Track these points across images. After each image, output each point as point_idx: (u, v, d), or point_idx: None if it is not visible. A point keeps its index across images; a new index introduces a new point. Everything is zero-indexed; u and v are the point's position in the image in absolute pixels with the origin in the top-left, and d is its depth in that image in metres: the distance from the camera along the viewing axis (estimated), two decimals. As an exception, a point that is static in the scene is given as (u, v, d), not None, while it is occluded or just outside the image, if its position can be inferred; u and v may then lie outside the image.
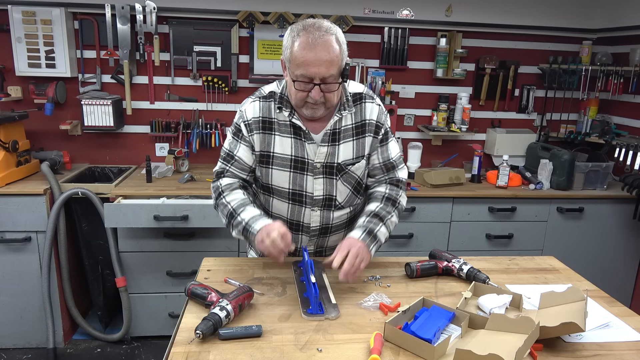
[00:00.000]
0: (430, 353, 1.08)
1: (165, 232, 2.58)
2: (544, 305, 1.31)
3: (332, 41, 1.32)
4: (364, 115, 1.49)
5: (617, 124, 3.26)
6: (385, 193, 1.55)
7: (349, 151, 1.49)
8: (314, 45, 1.29)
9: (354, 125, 1.49)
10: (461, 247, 2.90)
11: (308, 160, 1.47)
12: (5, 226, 2.50)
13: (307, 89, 1.34)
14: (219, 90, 3.10)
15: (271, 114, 1.46)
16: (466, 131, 3.26)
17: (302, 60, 1.30)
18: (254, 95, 1.51)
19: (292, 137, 1.46)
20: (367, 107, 1.50)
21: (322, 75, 1.32)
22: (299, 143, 1.46)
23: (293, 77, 1.34)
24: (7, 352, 2.68)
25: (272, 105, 1.46)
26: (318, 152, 1.46)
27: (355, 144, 1.49)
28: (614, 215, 2.98)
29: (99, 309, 2.84)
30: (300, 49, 1.30)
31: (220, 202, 1.49)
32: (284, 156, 1.47)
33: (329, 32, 1.33)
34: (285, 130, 1.46)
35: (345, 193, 1.55)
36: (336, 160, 1.48)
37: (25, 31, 2.76)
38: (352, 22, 3.01)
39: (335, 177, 1.50)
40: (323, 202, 1.53)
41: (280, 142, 1.46)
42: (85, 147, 3.11)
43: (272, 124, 1.46)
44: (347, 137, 1.48)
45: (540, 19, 3.21)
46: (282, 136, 1.46)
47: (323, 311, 1.28)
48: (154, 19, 2.83)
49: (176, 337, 1.15)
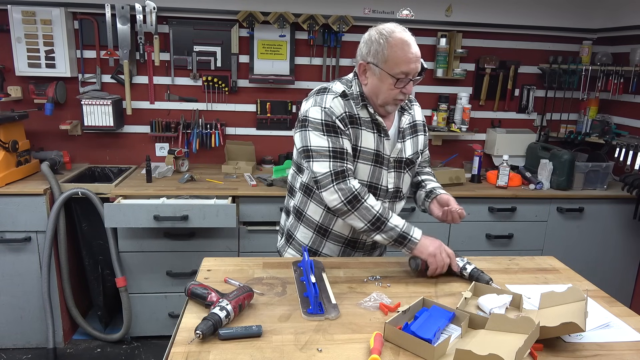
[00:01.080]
0: (430, 353, 1.08)
1: (165, 232, 2.58)
2: (544, 305, 1.31)
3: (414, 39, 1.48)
4: (415, 117, 1.69)
5: (617, 124, 3.26)
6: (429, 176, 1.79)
7: (409, 147, 1.64)
8: (410, 44, 1.44)
9: (410, 124, 1.65)
10: (461, 247, 2.90)
11: (384, 154, 1.57)
12: (5, 226, 2.50)
13: (402, 85, 1.47)
14: (219, 90, 3.10)
15: (353, 110, 1.53)
16: (466, 131, 3.27)
17: (404, 57, 1.42)
18: (328, 93, 1.52)
19: (374, 132, 1.55)
20: (416, 109, 1.71)
21: (417, 71, 1.47)
22: (379, 138, 1.56)
23: (393, 75, 1.44)
24: (7, 352, 2.68)
25: (351, 102, 1.53)
26: (394, 148, 1.59)
27: (413, 141, 1.66)
28: (614, 215, 2.98)
29: (99, 309, 2.84)
30: (401, 48, 1.42)
31: (362, 205, 1.46)
32: (368, 150, 1.54)
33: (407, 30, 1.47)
34: (368, 126, 1.54)
35: (408, 184, 1.69)
36: (404, 155, 1.62)
37: (25, 31, 2.76)
38: (352, 22, 3.01)
39: (402, 171, 1.63)
40: (393, 193, 1.63)
41: (366, 137, 1.53)
42: (85, 147, 3.11)
43: (358, 119, 1.53)
44: (407, 135, 1.63)
45: (540, 19, 3.21)
46: (367, 131, 1.54)
47: (323, 311, 1.28)
48: (154, 19, 2.83)
49: (176, 337, 1.15)
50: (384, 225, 1.48)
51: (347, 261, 1.63)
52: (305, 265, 1.40)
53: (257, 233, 2.67)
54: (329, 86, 1.55)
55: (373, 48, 1.45)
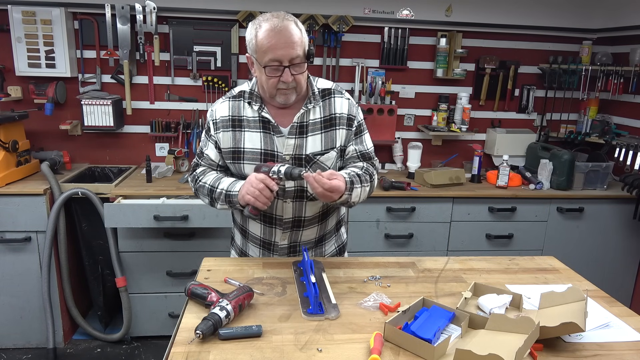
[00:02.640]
0: (430, 353, 1.08)
1: (165, 232, 2.58)
2: (544, 305, 1.31)
3: (292, 24, 1.40)
4: (333, 109, 1.54)
5: (617, 124, 3.27)
6: (363, 166, 1.58)
7: (317, 143, 1.52)
8: (277, 30, 1.36)
9: (323, 118, 1.53)
10: (461, 247, 2.90)
11: (277, 152, 1.50)
12: (5, 226, 2.50)
13: (277, 73, 1.40)
14: (219, 90, 3.10)
15: (240, 112, 1.52)
16: (466, 131, 3.27)
17: (268, 45, 1.36)
18: (225, 96, 1.58)
19: (261, 131, 1.50)
20: (337, 102, 1.54)
21: (290, 57, 1.38)
22: (267, 137, 1.50)
23: (263, 64, 1.39)
24: (7, 352, 2.68)
25: (241, 103, 1.53)
26: (286, 144, 1.50)
27: (323, 136, 1.53)
28: (614, 215, 2.98)
29: (99, 309, 2.84)
30: (266, 36, 1.37)
31: (199, 185, 1.57)
32: (253, 150, 1.51)
33: (287, 18, 1.40)
34: (254, 126, 1.51)
35: None
36: (304, 152, 1.51)
37: (25, 31, 2.76)
38: (352, 22, 3.01)
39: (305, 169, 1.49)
40: (295, 193, 1.54)
41: (249, 138, 1.51)
42: (85, 147, 3.11)
43: (242, 121, 1.52)
44: (315, 130, 1.52)
45: (540, 19, 3.21)
46: (251, 131, 1.51)
47: (323, 311, 1.28)
48: (154, 19, 2.83)
49: (176, 337, 1.15)
50: (214, 193, 1.51)
51: (347, 261, 1.63)
52: (305, 265, 1.40)
53: (257, 233, 2.66)
54: (234, 87, 1.60)
55: (248, 39, 1.43)
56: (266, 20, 1.40)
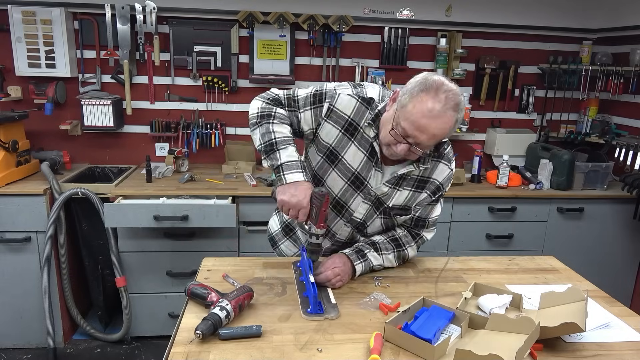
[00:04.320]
0: (430, 353, 1.08)
1: (165, 232, 2.58)
2: (544, 305, 1.31)
3: (452, 120, 1.26)
4: (432, 174, 1.47)
5: (617, 124, 3.26)
6: (396, 235, 1.57)
7: (402, 198, 1.47)
8: (433, 116, 1.23)
9: (420, 178, 1.46)
10: (461, 247, 2.90)
11: (368, 184, 1.45)
12: (5, 226, 2.50)
13: (397, 140, 1.30)
14: (219, 90, 3.10)
15: (360, 121, 1.40)
16: (466, 131, 3.26)
17: (413, 120, 1.24)
18: (355, 89, 1.42)
19: (366, 154, 1.42)
20: (440, 168, 1.47)
21: (420, 142, 1.27)
22: (369, 164, 1.42)
23: (395, 123, 1.29)
24: (7, 352, 2.68)
25: (366, 112, 1.39)
26: (379, 186, 1.44)
27: (411, 194, 1.47)
28: (614, 215, 2.98)
29: (99, 309, 2.84)
30: (420, 109, 1.23)
31: (267, 124, 1.38)
32: (348, 166, 1.43)
33: (456, 109, 1.25)
34: (363, 145, 1.41)
35: (377, 229, 1.57)
36: (389, 202, 1.47)
37: (25, 31, 2.76)
38: (352, 22, 3.01)
39: (377, 213, 1.50)
40: (358, 224, 1.54)
41: (353, 152, 1.42)
42: (85, 147, 3.11)
43: (356, 131, 1.40)
44: (408, 186, 1.46)
45: (540, 19, 3.21)
46: (358, 148, 1.41)
47: (322, 311, 1.28)
48: (154, 19, 2.83)
49: (176, 337, 1.15)
50: (272, 153, 1.36)
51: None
52: (304, 265, 1.40)
53: (257, 233, 2.67)
54: (366, 85, 1.44)
55: (409, 87, 1.28)
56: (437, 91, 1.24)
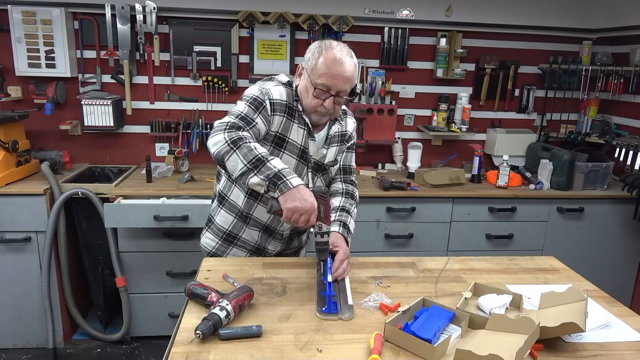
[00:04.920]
0: (430, 353, 1.08)
1: (165, 232, 2.58)
2: (544, 306, 1.31)
3: (351, 63, 1.52)
4: (347, 127, 1.74)
5: (617, 124, 3.26)
6: (343, 189, 1.75)
7: (332, 154, 1.69)
8: (340, 62, 1.47)
9: (340, 133, 1.70)
10: (461, 247, 2.90)
11: (308, 154, 1.61)
12: (5, 226, 2.50)
13: (322, 97, 1.50)
14: (219, 90, 3.10)
15: (292, 102, 1.56)
16: (466, 131, 3.26)
17: (326, 71, 1.47)
18: (272, 80, 1.58)
19: (304, 128, 1.58)
20: (349, 121, 1.75)
21: (339, 89, 1.49)
22: (306, 136, 1.59)
23: (314, 84, 1.49)
24: (7, 352, 2.68)
25: (292, 93, 1.57)
26: (319, 151, 1.64)
27: (337, 149, 1.71)
28: (614, 215, 2.98)
29: (99, 309, 2.84)
30: (327, 62, 1.47)
31: (245, 145, 1.36)
32: (295, 144, 1.58)
33: (350, 55, 1.53)
34: (301, 122, 1.58)
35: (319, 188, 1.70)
36: (324, 161, 1.67)
37: (25, 31, 2.76)
38: (352, 22, 3.01)
39: (317, 174, 1.68)
40: None
41: (296, 130, 1.57)
42: (85, 147, 3.11)
43: (294, 111, 1.56)
44: (334, 143, 1.69)
45: (540, 19, 3.21)
46: (298, 126, 1.57)
47: (337, 311, 1.29)
48: (154, 19, 2.83)
49: (176, 337, 1.15)
50: (263, 166, 1.33)
51: (347, 261, 1.63)
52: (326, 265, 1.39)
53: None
54: (275, 76, 1.62)
55: (309, 55, 1.52)
56: (332, 48, 1.49)
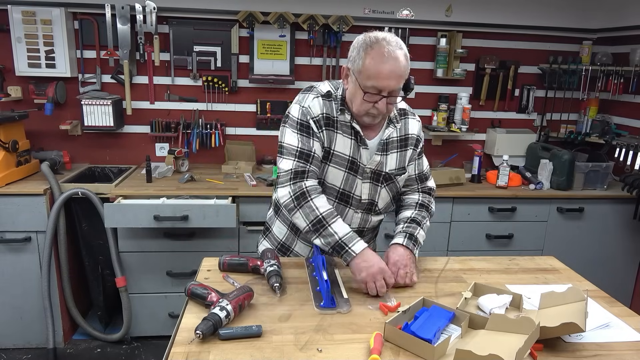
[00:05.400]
0: (430, 353, 1.08)
1: (165, 232, 2.58)
2: (544, 306, 1.31)
3: (402, 55, 1.38)
4: (407, 130, 1.60)
5: (617, 124, 3.26)
6: (418, 200, 1.66)
7: (394, 162, 1.57)
8: (387, 59, 1.35)
9: (399, 138, 1.58)
10: (461, 247, 2.90)
11: (361, 164, 1.52)
12: (5, 226, 2.50)
13: (374, 100, 1.40)
14: (219, 90, 3.10)
15: (333, 112, 1.50)
16: (466, 131, 3.26)
17: (375, 72, 1.36)
18: (311, 92, 1.52)
19: (352, 138, 1.50)
20: (410, 123, 1.61)
21: (392, 89, 1.38)
22: (355, 146, 1.51)
23: (363, 87, 1.39)
24: (7, 352, 2.68)
25: (332, 104, 1.50)
26: (372, 160, 1.53)
27: (399, 155, 1.58)
28: (614, 215, 2.98)
29: (99, 309, 2.84)
30: (375, 62, 1.35)
31: (307, 204, 1.42)
32: (342, 155, 1.50)
33: (400, 46, 1.39)
34: (346, 131, 1.50)
35: (386, 200, 1.64)
36: (384, 169, 1.56)
37: (25, 31, 2.76)
38: (352, 22, 3.01)
39: (380, 184, 1.58)
40: (367, 205, 1.59)
41: (342, 141, 1.50)
42: (85, 147, 3.11)
43: (335, 122, 1.49)
44: (393, 149, 1.57)
45: (540, 19, 3.21)
46: (344, 135, 1.50)
47: (335, 305, 1.29)
48: (154, 19, 2.83)
49: (176, 337, 1.15)
50: (324, 229, 1.40)
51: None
52: (317, 261, 1.41)
53: (257, 233, 2.65)
54: (316, 85, 1.54)
55: (354, 54, 1.42)
56: (378, 43, 1.37)
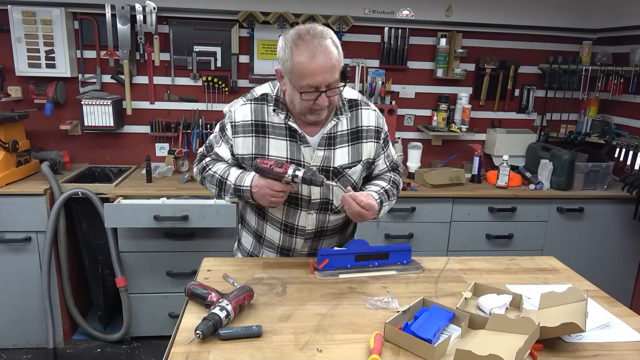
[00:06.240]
0: (430, 353, 1.08)
1: (165, 232, 2.58)
2: (544, 306, 1.31)
3: (330, 45, 1.32)
4: (360, 122, 1.52)
5: (617, 124, 3.26)
6: (392, 178, 1.63)
7: (344, 156, 1.51)
8: (314, 54, 1.29)
9: (350, 130, 1.51)
10: (461, 247, 2.90)
11: (304, 163, 1.47)
12: (5, 226, 2.50)
13: (313, 97, 1.35)
14: (219, 90, 3.10)
15: (264, 117, 1.46)
16: (466, 131, 3.26)
17: (306, 71, 1.30)
18: (245, 97, 1.51)
19: (287, 139, 1.46)
20: (364, 114, 1.53)
21: (328, 82, 1.33)
22: (294, 146, 1.46)
23: (298, 88, 1.34)
24: (7, 352, 2.68)
25: (264, 107, 1.47)
26: (315, 156, 1.47)
27: (351, 149, 1.51)
28: (614, 215, 2.98)
29: (99, 309, 2.84)
30: (302, 60, 1.29)
31: (207, 174, 1.55)
32: (279, 158, 1.45)
33: (324, 36, 1.32)
34: (280, 133, 1.46)
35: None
36: (332, 164, 1.49)
37: (25, 31, 2.76)
38: (352, 22, 3.01)
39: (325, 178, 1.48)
40: (320, 205, 1.53)
41: (275, 145, 1.46)
42: (85, 147, 3.11)
43: (266, 127, 1.46)
44: (343, 142, 1.50)
45: (540, 19, 3.21)
46: (277, 139, 1.46)
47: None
48: (154, 19, 2.83)
49: (176, 337, 1.15)
50: (224, 185, 1.48)
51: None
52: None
53: (257, 233, 2.67)
54: (255, 89, 1.52)
55: (282, 55, 1.34)
56: (301, 39, 1.30)
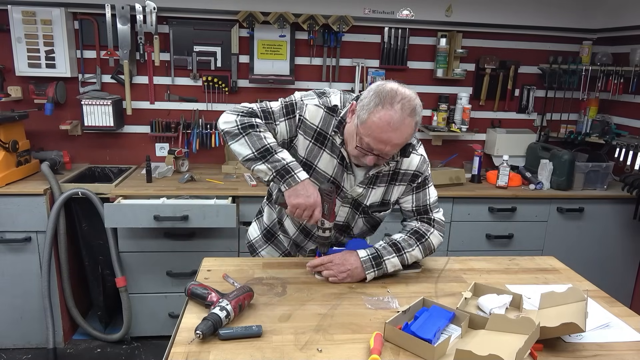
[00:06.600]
0: (430, 353, 1.08)
1: (165, 232, 2.58)
2: (544, 306, 1.31)
3: (409, 126, 1.29)
4: (402, 166, 1.51)
5: (617, 124, 3.26)
6: (414, 227, 1.58)
7: (378, 195, 1.52)
8: (394, 128, 1.26)
9: (391, 172, 1.51)
10: (461, 247, 2.90)
11: (343, 188, 1.49)
12: (5, 226, 2.50)
13: (363, 152, 1.34)
14: (219, 90, 3.10)
15: (328, 129, 1.44)
16: (466, 131, 3.26)
17: (374, 133, 1.28)
18: (320, 99, 1.45)
19: (337, 161, 1.46)
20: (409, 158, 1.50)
21: (384, 153, 1.32)
22: (341, 169, 1.47)
23: (358, 135, 1.32)
24: (7, 352, 2.68)
25: (332, 120, 1.44)
26: (354, 188, 1.49)
27: (385, 189, 1.53)
28: (614, 215, 2.98)
29: (99, 309, 2.84)
30: (377, 123, 1.27)
31: (255, 133, 1.38)
32: (323, 174, 1.47)
33: (412, 114, 1.28)
34: (334, 152, 1.46)
35: (362, 229, 1.64)
36: (365, 202, 1.53)
37: (25, 31, 2.76)
38: (352, 22, 3.01)
39: (358, 213, 1.56)
40: (341, 227, 1.59)
41: (326, 159, 1.46)
42: (85, 147, 3.11)
43: (326, 139, 1.45)
44: (381, 183, 1.51)
45: (540, 19, 3.21)
46: (330, 155, 1.46)
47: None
48: (154, 19, 2.83)
49: (176, 337, 1.15)
50: (271, 156, 1.36)
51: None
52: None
53: (257, 233, 2.66)
54: (328, 94, 1.47)
55: (365, 101, 1.30)
56: (392, 105, 1.25)
